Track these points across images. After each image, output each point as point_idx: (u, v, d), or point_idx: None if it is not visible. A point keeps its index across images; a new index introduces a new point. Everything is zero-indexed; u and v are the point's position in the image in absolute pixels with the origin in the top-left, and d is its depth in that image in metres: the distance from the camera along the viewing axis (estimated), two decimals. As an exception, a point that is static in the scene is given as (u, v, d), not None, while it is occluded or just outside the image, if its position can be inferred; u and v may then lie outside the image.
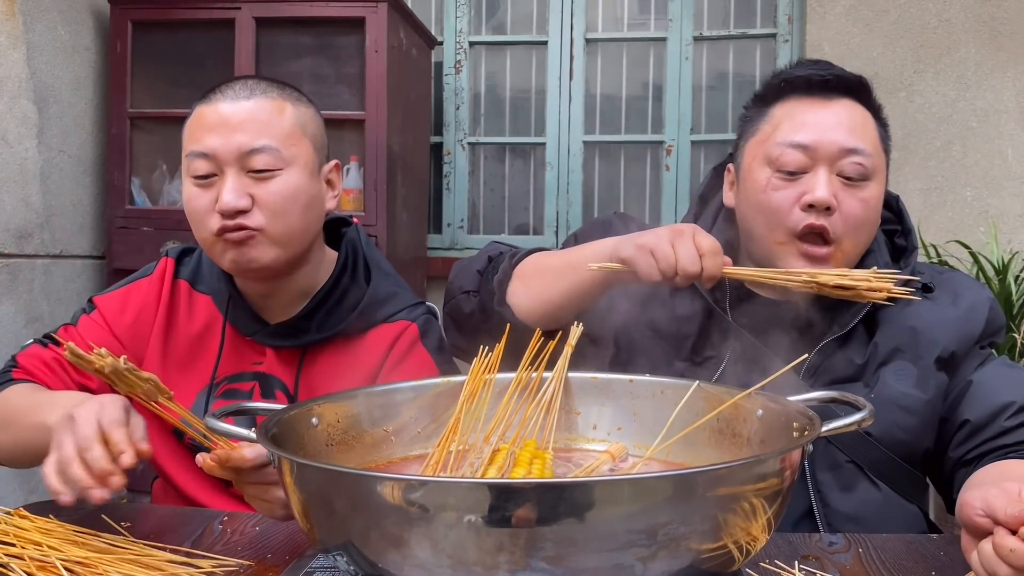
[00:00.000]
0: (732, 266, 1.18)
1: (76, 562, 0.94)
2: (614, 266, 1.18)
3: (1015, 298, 2.76)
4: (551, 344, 1.12)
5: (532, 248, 1.38)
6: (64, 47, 2.95)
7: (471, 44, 3.69)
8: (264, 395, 1.36)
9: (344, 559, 0.77)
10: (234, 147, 1.26)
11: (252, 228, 1.26)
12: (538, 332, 1.13)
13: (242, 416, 1.00)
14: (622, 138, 3.70)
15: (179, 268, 1.43)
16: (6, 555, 0.93)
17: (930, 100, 3.21)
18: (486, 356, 1.11)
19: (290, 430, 0.94)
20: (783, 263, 1.24)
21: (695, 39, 3.59)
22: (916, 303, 1.29)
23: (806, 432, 0.84)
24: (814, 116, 1.25)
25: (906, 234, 1.36)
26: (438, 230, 3.72)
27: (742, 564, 0.78)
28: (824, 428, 0.83)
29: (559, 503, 0.67)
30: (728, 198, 1.36)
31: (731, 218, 1.36)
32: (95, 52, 3.12)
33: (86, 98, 3.08)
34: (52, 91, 2.90)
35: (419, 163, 3.39)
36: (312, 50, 3.03)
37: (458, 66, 3.68)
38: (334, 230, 1.46)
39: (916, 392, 1.24)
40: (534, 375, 1.09)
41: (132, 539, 1.03)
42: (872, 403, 0.89)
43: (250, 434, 0.88)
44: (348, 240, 1.43)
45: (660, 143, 3.64)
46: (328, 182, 1.38)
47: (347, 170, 2.97)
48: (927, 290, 1.30)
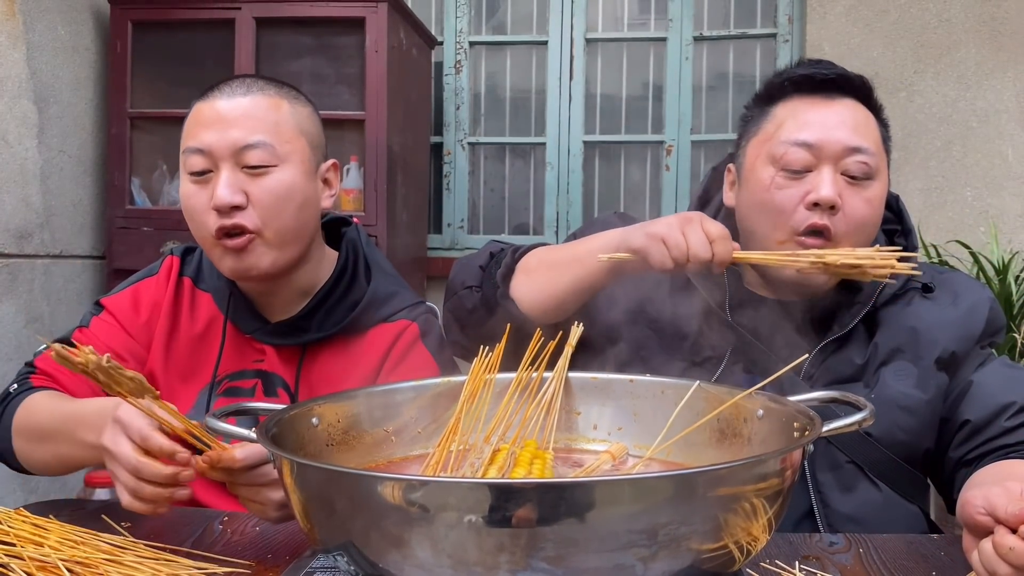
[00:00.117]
0: (740, 251, 1.18)
1: (76, 562, 0.93)
2: (625, 256, 1.18)
3: (1015, 298, 2.76)
4: (551, 344, 1.12)
5: (534, 243, 1.38)
6: (64, 47, 2.95)
7: (471, 44, 3.69)
8: (266, 393, 1.36)
9: (344, 559, 0.77)
10: (229, 142, 1.26)
11: (249, 230, 1.26)
12: (538, 332, 1.13)
13: (243, 416, 1.00)
14: (622, 138, 3.70)
15: (183, 266, 1.44)
16: (6, 555, 0.93)
17: (930, 100, 3.21)
18: (486, 356, 1.11)
19: (290, 430, 0.94)
20: (772, 269, 1.24)
21: (695, 39, 3.59)
22: (916, 303, 1.29)
23: (807, 432, 0.84)
24: (818, 115, 1.25)
25: (906, 234, 1.36)
26: (438, 230, 3.72)
27: (742, 564, 0.78)
28: (825, 428, 0.84)
29: (560, 503, 0.67)
30: (728, 198, 1.36)
31: (731, 218, 1.36)
32: (95, 52, 3.12)
33: (86, 98, 3.08)
34: (52, 91, 2.90)
35: (419, 163, 3.39)
36: (312, 50, 3.03)
37: (458, 66, 3.68)
38: (334, 230, 1.47)
39: (916, 392, 1.24)
40: (534, 375, 1.09)
41: (132, 539, 1.03)
42: (872, 403, 0.89)
43: (250, 434, 0.88)
44: (348, 240, 1.43)
45: (660, 143, 3.64)
46: (325, 181, 1.38)
47: (347, 170, 2.97)
48: (927, 290, 1.30)
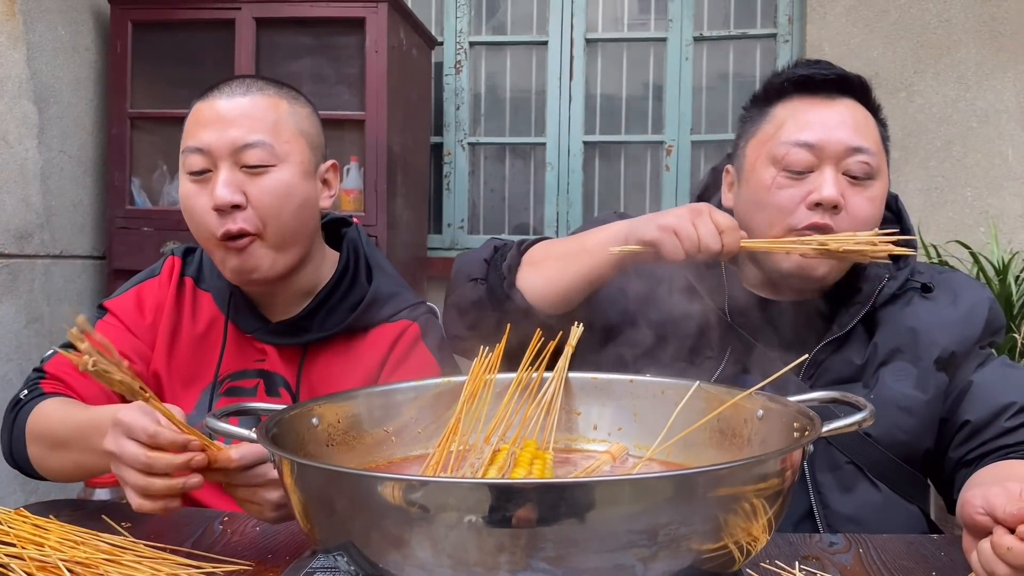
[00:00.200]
0: (746, 239, 1.20)
1: (76, 562, 0.94)
2: (636, 248, 1.18)
3: (1015, 298, 2.76)
4: (551, 344, 1.12)
5: (538, 237, 1.38)
6: (64, 47, 2.95)
7: (471, 44, 3.69)
8: (268, 392, 1.36)
9: (344, 559, 0.77)
10: (227, 141, 1.26)
11: (250, 232, 1.27)
12: (538, 333, 1.13)
13: (244, 416, 1.00)
14: (622, 138, 3.70)
15: (184, 266, 1.44)
16: (6, 555, 0.93)
17: (930, 100, 3.21)
18: (486, 356, 1.11)
19: (290, 430, 0.94)
20: (784, 258, 1.24)
21: (695, 39, 3.59)
22: (916, 303, 1.29)
23: (807, 432, 0.84)
24: (818, 115, 1.25)
25: (905, 234, 1.36)
26: (438, 230, 3.72)
27: (743, 564, 0.78)
28: (825, 428, 0.83)
29: (560, 503, 0.67)
30: (727, 199, 1.36)
31: None
32: (95, 52, 3.12)
33: (86, 98, 3.08)
34: (52, 91, 2.90)
35: (419, 163, 3.39)
36: (312, 50, 3.03)
37: (458, 66, 3.68)
38: (334, 230, 1.47)
39: (916, 393, 1.24)
40: (534, 375, 1.09)
41: (132, 539, 1.03)
42: (872, 404, 0.89)
43: (250, 434, 0.88)
44: (349, 240, 1.43)
45: (660, 143, 3.64)
46: (324, 182, 1.38)
47: (347, 170, 2.97)
48: (926, 290, 1.30)
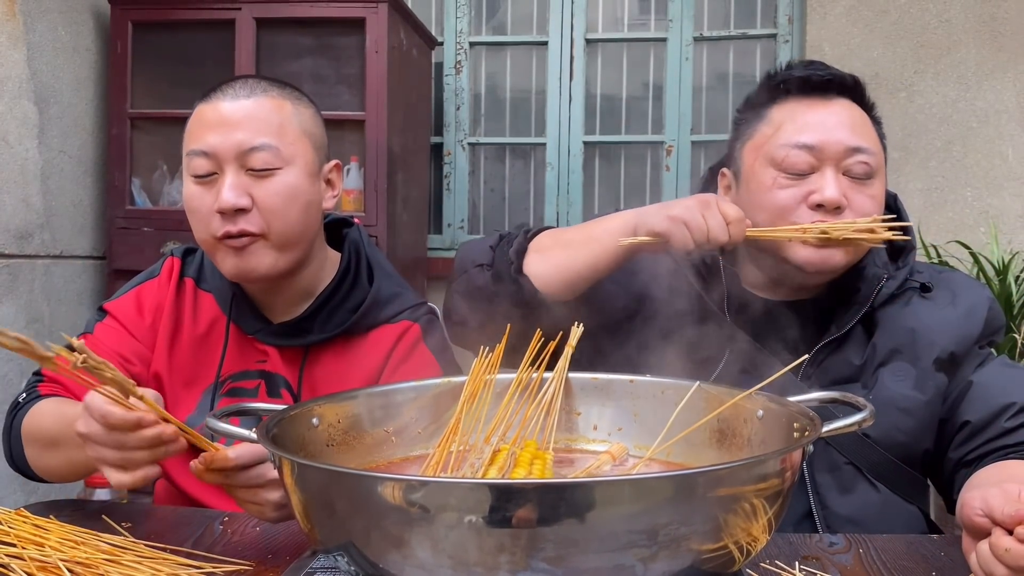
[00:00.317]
0: (751, 228, 1.21)
1: (77, 563, 0.94)
2: (645, 239, 1.18)
3: (1015, 298, 2.76)
4: (551, 344, 1.12)
5: (543, 226, 1.38)
6: (64, 47, 2.95)
7: (471, 44, 3.69)
8: (270, 393, 1.36)
9: (345, 559, 0.77)
10: (233, 145, 1.26)
11: (254, 233, 1.27)
12: (538, 333, 1.13)
13: (245, 416, 1.00)
14: (622, 138, 3.70)
15: (184, 267, 1.43)
16: (6, 555, 0.93)
17: (930, 100, 3.21)
18: (487, 356, 1.11)
19: (290, 430, 0.94)
20: (789, 253, 1.24)
21: (695, 39, 3.59)
22: (915, 303, 1.29)
23: (807, 433, 0.84)
24: (816, 116, 1.25)
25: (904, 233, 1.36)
26: (438, 230, 3.72)
27: (743, 564, 0.78)
28: (825, 428, 0.83)
29: (560, 504, 0.68)
30: None
31: None
32: (95, 52, 3.12)
33: (86, 98, 3.08)
34: (52, 91, 2.90)
35: (419, 163, 3.39)
36: (312, 50, 3.03)
37: (458, 66, 3.68)
38: (336, 231, 1.47)
39: (915, 393, 1.24)
40: (534, 375, 1.09)
41: (133, 540, 1.03)
42: (871, 404, 0.89)
43: (250, 434, 0.88)
44: (351, 241, 1.43)
45: (660, 143, 3.64)
46: (328, 182, 1.38)
47: (347, 170, 2.97)
48: (925, 290, 1.30)
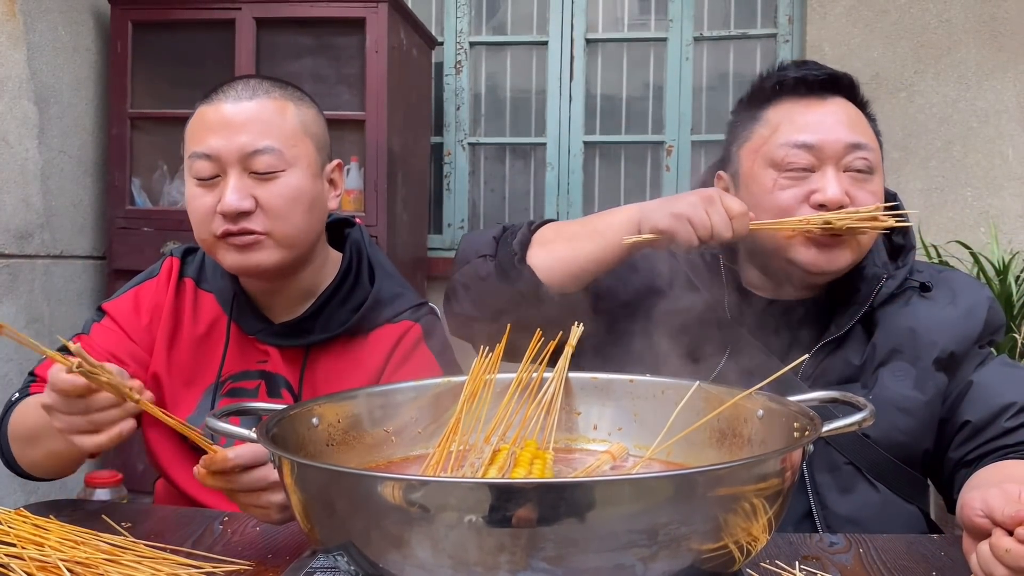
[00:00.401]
0: (754, 222, 1.22)
1: (77, 562, 0.94)
2: (650, 237, 1.18)
3: (1015, 298, 2.76)
4: (551, 344, 1.12)
5: (547, 219, 1.38)
6: (64, 47, 2.95)
7: (471, 44, 3.69)
8: (270, 394, 1.36)
9: (345, 559, 0.77)
10: (236, 148, 1.26)
11: (258, 232, 1.27)
12: (538, 333, 1.13)
13: (245, 416, 1.00)
14: (622, 138, 3.70)
15: (184, 267, 1.43)
16: (6, 555, 0.93)
17: (931, 100, 3.21)
18: (487, 356, 1.11)
19: (290, 430, 0.94)
20: (793, 253, 1.24)
21: (695, 39, 3.58)
22: (915, 303, 1.29)
23: (807, 432, 0.84)
24: (814, 116, 1.26)
25: (904, 232, 1.36)
26: (438, 230, 3.72)
27: (743, 564, 0.78)
28: (825, 428, 0.83)
29: (560, 503, 0.67)
30: None
31: None
32: (95, 52, 3.12)
33: (86, 98, 3.08)
34: (53, 91, 2.90)
35: (419, 163, 3.39)
36: (312, 50, 3.03)
37: (458, 66, 3.68)
38: (337, 231, 1.46)
39: (914, 393, 1.24)
40: (534, 375, 1.09)
41: (132, 540, 1.03)
42: (870, 404, 0.89)
43: (250, 434, 0.88)
44: (352, 241, 1.43)
45: (660, 143, 3.64)
46: (330, 182, 1.38)
47: (347, 170, 2.96)
48: (925, 289, 1.30)
